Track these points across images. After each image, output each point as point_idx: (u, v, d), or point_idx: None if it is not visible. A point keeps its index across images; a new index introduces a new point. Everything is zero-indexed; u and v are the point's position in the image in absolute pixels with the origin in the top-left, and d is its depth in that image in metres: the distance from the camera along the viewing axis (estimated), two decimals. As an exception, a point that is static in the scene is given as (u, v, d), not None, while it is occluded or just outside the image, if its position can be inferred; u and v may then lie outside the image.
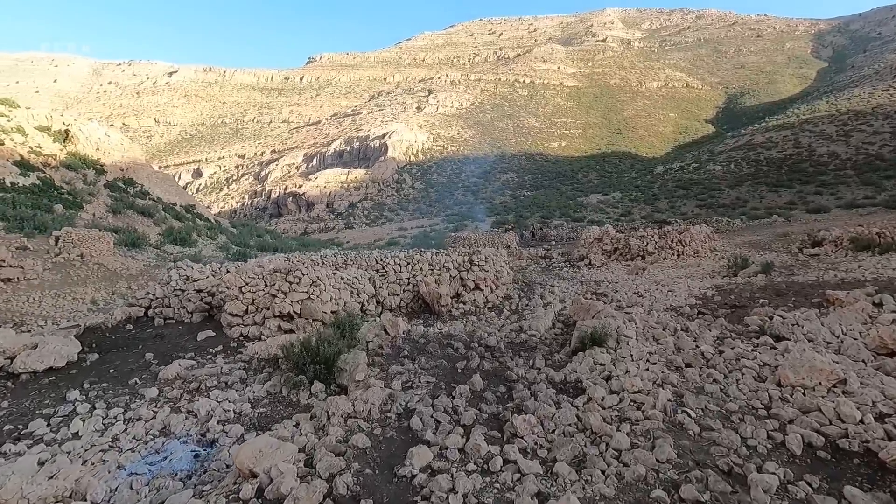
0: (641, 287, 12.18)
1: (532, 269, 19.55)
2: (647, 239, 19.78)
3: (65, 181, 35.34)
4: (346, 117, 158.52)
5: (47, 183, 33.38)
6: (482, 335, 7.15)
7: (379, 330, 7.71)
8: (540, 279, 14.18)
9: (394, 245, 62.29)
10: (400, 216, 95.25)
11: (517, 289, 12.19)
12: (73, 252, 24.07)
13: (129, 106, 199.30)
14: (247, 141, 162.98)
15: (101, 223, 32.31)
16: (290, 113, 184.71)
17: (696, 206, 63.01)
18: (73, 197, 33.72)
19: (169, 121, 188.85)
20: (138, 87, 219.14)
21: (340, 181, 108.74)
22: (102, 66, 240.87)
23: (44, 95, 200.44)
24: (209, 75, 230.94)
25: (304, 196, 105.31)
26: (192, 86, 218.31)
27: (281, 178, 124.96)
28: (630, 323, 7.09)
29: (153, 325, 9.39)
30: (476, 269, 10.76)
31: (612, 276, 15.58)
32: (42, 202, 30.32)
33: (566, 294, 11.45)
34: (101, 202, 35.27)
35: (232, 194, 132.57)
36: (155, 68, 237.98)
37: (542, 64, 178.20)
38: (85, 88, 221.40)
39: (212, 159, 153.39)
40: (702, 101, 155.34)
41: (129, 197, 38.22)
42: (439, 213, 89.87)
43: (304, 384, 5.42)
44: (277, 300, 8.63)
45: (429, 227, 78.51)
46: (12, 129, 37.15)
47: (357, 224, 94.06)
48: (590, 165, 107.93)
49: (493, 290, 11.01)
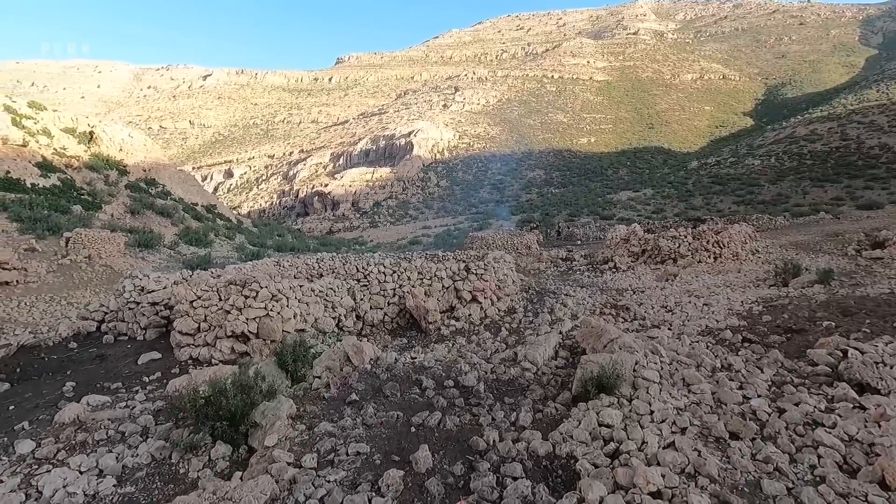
0: (671, 298, 10.39)
1: (550, 273, 17.85)
2: (679, 239, 17.76)
3: (86, 182, 35.49)
4: (373, 116, 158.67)
5: (68, 184, 33.51)
6: (462, 368, 5.66)
7: (340, 358, 6.31)
8: (555, 286, 12.52)
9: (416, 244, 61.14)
10: (424, 215, 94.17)
11: (525, 299, 10.59)
12: (82, 254, 23.68)
13: (165, 109, 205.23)
14: (276, 141, 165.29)
15: (119, 224, 32.18)
16: (318, 113, 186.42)
17: (734, 202, 59.64)
18: (93, 198, 33.77)
19: (203, 122, 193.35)
20: (175, 91, 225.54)
21: (366, 180, 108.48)
22: (142, 72, 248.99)
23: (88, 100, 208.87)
24: (241, 77, 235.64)
25: (329, 195, 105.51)
26: (225, 88, 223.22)
27: (308, 178, 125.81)
28: (653, 356, 5.45)
29: (101, 343, 8.27)
30: (473, 279, 9.23)
31: (637, 282, 13.76)
32: (60, 203, 30.32)
33: (581, 307, 9.78)
34: (121, 203, 35.27)
35: (261, 194, 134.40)
36: (191, 72, 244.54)
37: (572, 59, 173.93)
38: (126, 93, 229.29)
39: (242, 160, 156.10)
40: (739, 93, 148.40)
41: (149, 197, 38.18)
42: (464, 212, 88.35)
43: (202, 446, 4.07)
44: (231, 317, 7.33)
45: (452, 225, 77.09)
46: (39, 131, 37.61)
47: (381, 223, 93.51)
48: (620, 161, 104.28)
49: (494, 302, 9.46)
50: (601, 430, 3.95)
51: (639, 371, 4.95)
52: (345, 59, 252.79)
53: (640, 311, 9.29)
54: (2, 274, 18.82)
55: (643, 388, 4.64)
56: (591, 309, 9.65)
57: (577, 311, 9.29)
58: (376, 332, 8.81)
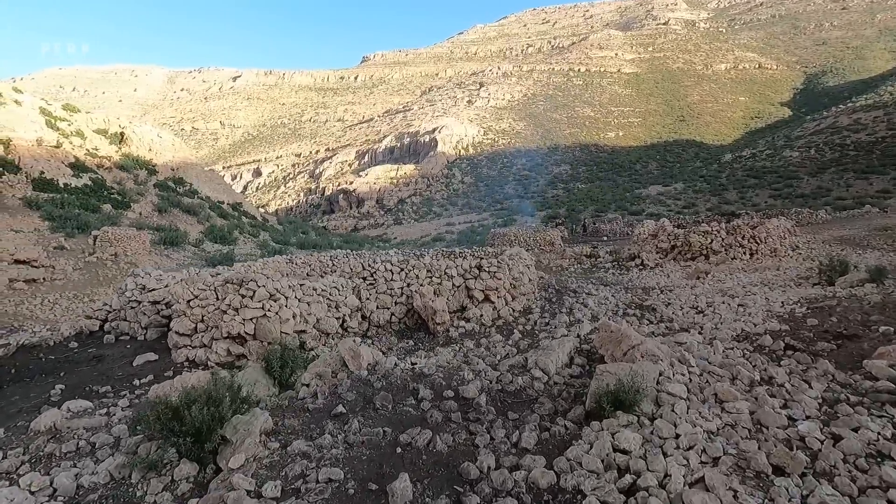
0: (702, 298, 9.58)
1: (573, 271, 17.10)
2: (711, 235, 16.72)
3: (116, 181, 36.35)
4: (398, 114, 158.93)
5: (99, 183, 34.37)
6: (465, 376, 5.12)
7: (335, 363, 5.86)
8: (577, 284, 11.82)
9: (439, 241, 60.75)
10: (448, 211, 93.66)
11: (543, 298, 9.96)
12: (108, 251, 24.11)
13: (197, 110, 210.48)
14: (303, 140, 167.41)
15: (146, 222, 32.81)
16: (344, 112, 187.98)
17: (770, 196, 57.15)
18: (122, 196, 34.55)
19: (233, 123, 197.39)
20: (206, 93, 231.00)
21: (390, 177, 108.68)
22: (176, 75, 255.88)
23: (126, 103, 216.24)
24: (269, 78, 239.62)
25: (354, 192, 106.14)
26: (254, 89, 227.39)
27: (334, 176, 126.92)
28: (680, 366, 4.80)
29: (101, 343, 8.06)
30: (485, 277, 8.66)
31: (666, 280, 12.92)
32: (90, 202, 31.09)
33: (603, 308, 9.09)
34: (149, 201, 36.00)
35: (288, 192, 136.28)
36: (221, 74, 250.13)
37: (599, 51, 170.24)
38: (160, 96, 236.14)
39: (270, 159, 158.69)
40: (776, 82, 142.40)
41: (176, 196, 38.89)
42: (488, 208, 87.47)
43: (167, 464, 3.66)
44: (227, 318, 6.97)
45: (476, 222, 76.40)
46: (72, 133, 38.73)
47: (406, 220, 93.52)
48: (649, 155, 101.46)
49: (508, 302, 8.87)
50: (616, 458, 3.36)
51: (663, 384, 4.32)
52: (370, 57, 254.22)
53: (668, 313, 8.55)
54: (29, 272, 19.25)
55: (668, 404, 4.01)
56: (614, 309, 8.96)
57: (598, 312, 8.61)
58: (382, 334, 8.35)
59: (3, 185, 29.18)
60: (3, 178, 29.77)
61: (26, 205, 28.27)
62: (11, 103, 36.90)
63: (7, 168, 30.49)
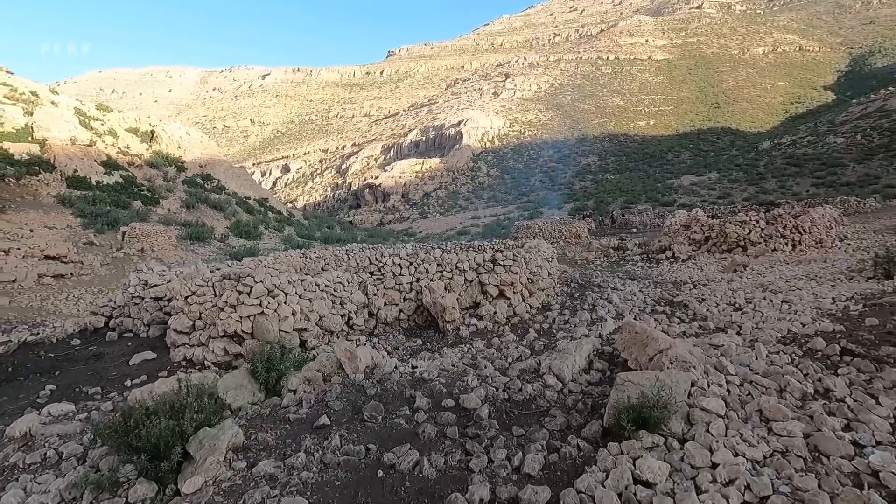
0: (740, 293, 8.73)
1: (599, 264, 16.29)
2: (749, 225, 15.61)
3: (146, 178, 37.14)
4: (423, 107, 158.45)
5: (129, 180, 35.15)
6: (469, 382, 4.58)
7: (331, 365, 5.41)
8: (601, 278, 11.09)
9: (464, 234, 60.14)
10: (474, 205, 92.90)
11: (565, 293, 9.29)
12: (135, 247, 24.52)
13: (228, 109, 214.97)
14: (331, 136, 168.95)
15: (175, 218, 33.41)
16: (370, 106, 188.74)
17: (812, 184, 54.31)
18: (152, 193, 35.27)
19: (262, 120, 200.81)
20: (237, 91, 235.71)
21: (415, 171, 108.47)
22: (208, 74, 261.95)
23: (161, 104, 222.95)
24: (297, 75, 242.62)
25: (380, 187, 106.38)
26: (282, 86, 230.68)
27: (360, 171, 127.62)
28: (716, 375, 4.12)
29: (104, 340, 7.86)
30: (500, 271, 8.06)
31: (699, 274, 12.03)
32: (121, 199, 31.81)
33: (629, 304, 8.36)
34: (177, 197, 36.66)
35: (316, 187, 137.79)
36: (251, 73, 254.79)
37: (629, 38, 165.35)
38: (193, 95, 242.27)
39: (298, 155, 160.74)
40: (819, 65, 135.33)
41: (204, 192, 39.51)
42: (515, 201, 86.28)
43: (124, 483, 3.26)
44: (223, 315, 6.62)
45: (502, 215, 75.42)
46: (105, 132, 39.76)
47: (431, 213, 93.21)
48: (682, 144, 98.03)
49: (525, 298, 8.26)
50: (637, 492, 2.76)
51: (696, 397, 3.67)
52: (395, 51, 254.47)
53: (701, 310, 7.77)
54: (58, 267, 19.66)
55: (701, 423, 3.36)
56: (641, 306, 8.23)
57: (623, 310, 7.91)
58: (390, 332, 7.87)
59: (39, 184, 30.12)
60: (40, 177, 30.77)
61: (60, 202, 29.13)
62: (48, 104, 38.11)
63: (42, 167, 31.48)
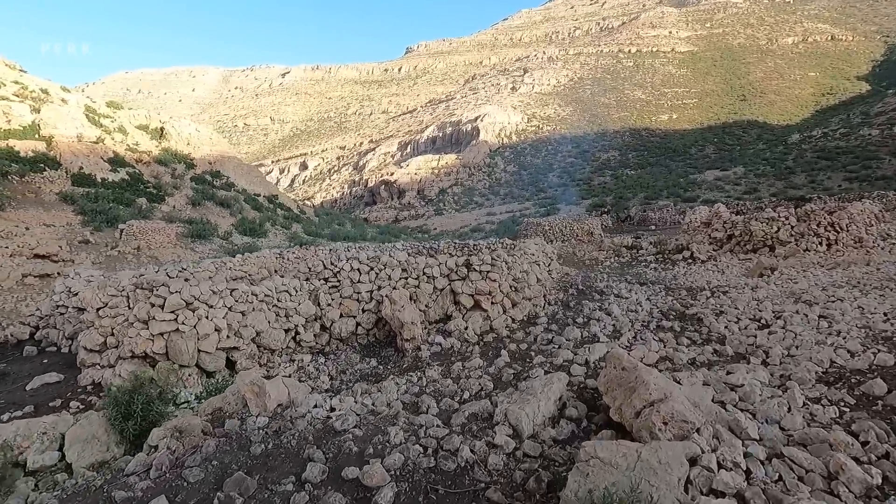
0: (767, 305, 7.31)
1: (608, 265, 14.87)
2: (777, 222, 13.99)
3: (153, 175, 36.83)
4: (440, 103, 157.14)
5: (135, 177, 34.84)
6: (392, 438, 3.39)
7: (234, 402, 4.28)
8: (606, 283, 9.74)
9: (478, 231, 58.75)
10: (490, 201, 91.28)
11: (559, 302, 8.00)
12: (131, 245, 23.95)
13: (249, 107, 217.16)
14: (349, 133, 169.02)
15: (178, 215, 32.95)
16: (388, 103, 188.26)
17: (845, 178, 51.46)
18: (158, 190, 34.91)
19: (282, 118, 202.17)
20: (257, 90, 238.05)
21: (431, 167, 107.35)
22: (230, 74, 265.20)
23: (185, 103, 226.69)
24: (316, 73, 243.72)
25: (395, 183, 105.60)
26: (301, 84, 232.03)
27: (377, 167, 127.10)
28: (729, 443, 2.84)
29: (19, 355, 6.90)
30: (475, 278, 6.82)
31: (719, 278, 10.56)
32: (125, 196, 31.45)
33: (631, 317, 7.01)
34: (183, 194, 36.26)
35: (333, 184, 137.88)
36: (272, 71, 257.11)
37: (651, 30, 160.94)
38: (216, 94, 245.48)
39: (316, 152, 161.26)
40: (852, 55, 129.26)
41: (211, 189, 39.07)
42: (531, 197, 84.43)
43: None
44: (132, 332, 5.54)
45: (518, 211, 73.74)
46: (115, 129, 39.65)
47: (447, 210, 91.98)
48: (706, 138, 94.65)
49: (506, 309, 7.00)
50: None
51: (696, 490, 2.40)
52: (414, 48, 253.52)
53: (718, 327, 6.40)
54: (45, 266, 19.13)
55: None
56: (645, 320, 6.89)
57: (623, 325, 6.57)
58: (343, 349, 6.70)
59: (43, 181, 29.92)
60: (45, 174, 30.60)
61: (63, 199, 28.85)
62: (58, 101, 38.11)
63: (48, 164, 31.31)
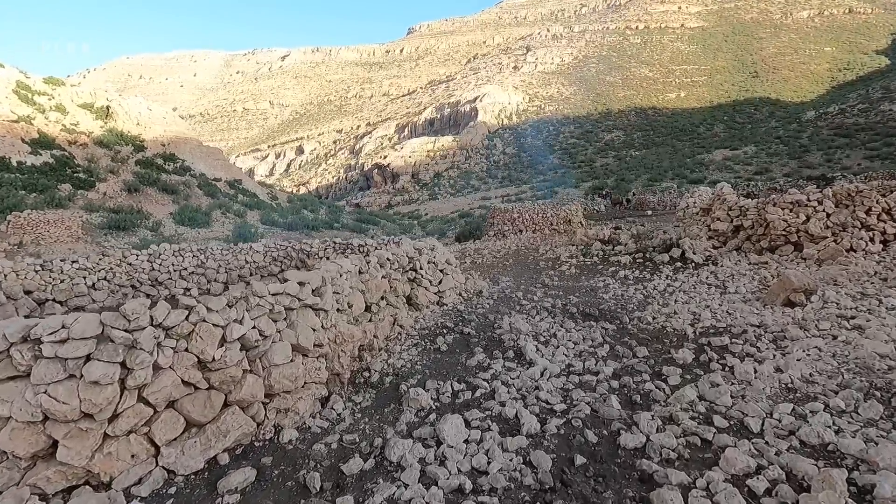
0: (818, 420, 3.14)
1: (566, 269, 10.62)
2: (806, 207, 9.54)
3: (88, 158, 32.86)
4: (440, 84, 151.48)
5: (62, 161, 30.85)
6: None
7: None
8: (519, 321, 5.63)
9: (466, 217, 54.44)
10: (487, 184, 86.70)
11: (394, 376, 3.87)
12: (12, 240, 20.16)
13: (248, 91, 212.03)
14: (348, 116, 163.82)
15: (106, 203, 29.04)
16: (389, 85, 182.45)
17: (865, 157, 46.81)
18: (88, 175, 30.95)
19: (281, 102, 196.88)
20: (257, 73, 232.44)
21: (427, 150, 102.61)
22: (231, 58, 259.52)
23: (187, 88, 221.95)
24: (316, 55, 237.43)
25: (389, 167, 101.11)
26: (301, 67, 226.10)
27: (374, 151, 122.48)
28: None
29: None
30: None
31: (718, 302, 6.35)
32: (41, 182, 27.52)
33: (515, 432, 2.89)
34: (121, 180, 32.25)
35: (329, 169, 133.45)
36: (272, 54, 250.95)
37: (660, 6, 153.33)
38: (217, 79, 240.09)
39: (313, 136, 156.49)
40: (871, 28, 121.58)
41: (158, 173, 35.04)
42: (530, 180, 79.71)
43: None
44: None
45: (514, 195, 69.20)
46: (51, 108, 35.64)
47: (441, 194, 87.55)
48: (715, 117, 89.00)
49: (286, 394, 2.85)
50: None
51: None
52: (416, 28, 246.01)
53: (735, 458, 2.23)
54: None
55: None
56: (536, 460, 2.69)
57: (481, 471, 2.41)
58: None
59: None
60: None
61: (-44, 186, 25.06)
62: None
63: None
